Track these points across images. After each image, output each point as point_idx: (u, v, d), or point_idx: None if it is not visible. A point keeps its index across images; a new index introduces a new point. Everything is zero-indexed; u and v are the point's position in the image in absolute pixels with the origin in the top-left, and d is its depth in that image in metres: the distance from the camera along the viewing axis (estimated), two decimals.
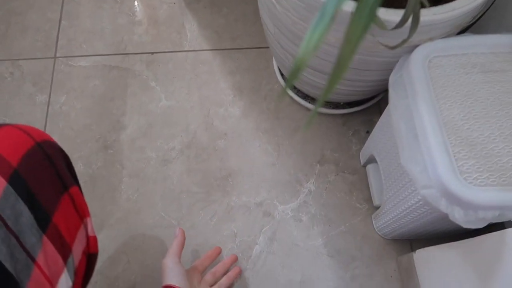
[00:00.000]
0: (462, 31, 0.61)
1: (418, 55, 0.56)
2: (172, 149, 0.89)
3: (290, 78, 0.27)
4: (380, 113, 0.90)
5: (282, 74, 0.94)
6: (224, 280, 0.71)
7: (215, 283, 0.70)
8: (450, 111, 0.52)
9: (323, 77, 0.72)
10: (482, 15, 0.60)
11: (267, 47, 0.99)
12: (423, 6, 0.50)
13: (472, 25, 0.61)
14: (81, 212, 0.46)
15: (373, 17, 0.27)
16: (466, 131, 0.51)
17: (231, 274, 0.73)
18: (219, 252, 0.74)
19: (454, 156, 0.49)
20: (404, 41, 0.50)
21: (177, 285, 0.58)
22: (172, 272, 0.60)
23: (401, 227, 0.70)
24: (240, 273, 0.76)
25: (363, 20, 0.28)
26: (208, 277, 0.69)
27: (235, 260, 0.76)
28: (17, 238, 0.36)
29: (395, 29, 0.49)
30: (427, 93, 0.53)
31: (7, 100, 0.95)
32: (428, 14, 0.52)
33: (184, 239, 0.67)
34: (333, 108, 0.89)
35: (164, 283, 0.59)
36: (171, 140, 0.91)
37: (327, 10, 0.27)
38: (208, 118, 0.92)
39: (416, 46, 0.57)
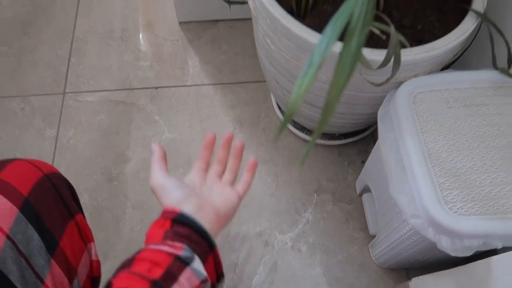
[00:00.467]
0: (446, 67, 0.65)
1: (403, 91, 0.59)
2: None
3: (284, 122, 0.31)
4: (374, 143, 0.93)
5: (279, 107, 0.98)
6: (234, 164, 0.53)
7: (223, 171, 0.53)
8: (435, 143, 0.55)
9: (317, 111, 0.75)
10: (463, 53, 0.64)
11: (265, 81, 1.04)
12: (404, 46, 0.54)
13: (455, 61, 0.65)
14: (85, 238, 0.49)
15: (358, 58, 0.31)
16: (450, 162, 0.54)
17: (229, 165, 0.53)
18: (214, 138, 0.53)
19: (439, 186, 0.52)
20: (388, 80, 0.54)
21: (177, 204, 0.44)
22: (164, 191, 0.46)
23: (397, 256, 0.71)
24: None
25: (349, 61, 0.31)
26: (214, 169, 0.52)
27: (232, 138, 0.54)
28: (27, 260, 0.40)
29: (380, 68, 0.53)
30: (412, 127, 0.56)
31: (18, 135, 0.99)
32: (411, 54, 0.56)
33: (164, 152, 0.50)
34: (329, 139, 0.92)
35: (163, 207, 0.46)
36: (173, 172, 0.93)
37: (314, 60, 0.30)
38: None
39: (401, 82, 0.61)
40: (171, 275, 0.37)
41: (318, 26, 0.59)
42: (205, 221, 0.43)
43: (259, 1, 0.62)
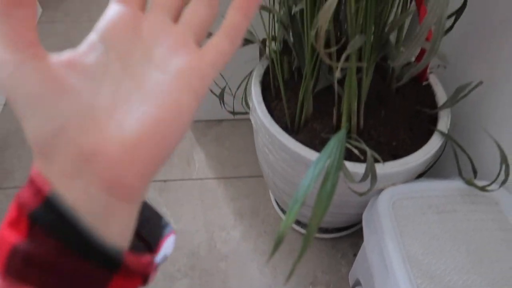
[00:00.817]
0: (421, 174, 0.75)
1: (383, 198, 0.68)
2: (178, 270, 0.98)
3: (275, 246, 0.39)
4: None
5: (277, 202, 1.07)
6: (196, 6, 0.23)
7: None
8: (412, 246, 0.63)
9: (309, 209, 0.84)
10: (434, 163, 0.75)
11: None
12: (378, 161, 0.65)
13: (429, 170, 0.75)
14: None
15: (332, 195, 0.40)
16: (426, 265, 0.61)
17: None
18: None
19: (418, 287, 0.59)
20: (368, 191, 0.63)
21: (42, 157, 0.18)
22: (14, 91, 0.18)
23: None
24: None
25: (325, 197, 0.41)
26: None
27: None
28: None
29: (361, 182, 0.62)
30: (392, 231, 0.65)
31: None
32: (387, 168, 0.66)
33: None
34: (323, 232, 1.00)
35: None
36: (177, 261, 1.00)
37: (298, 196, 0.39)
38: (212, 241, 1.03)
39: (382, 189, 0.70)
40: None
41: (310, 141, 0.70)
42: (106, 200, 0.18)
43: (259, 119, 0.74)
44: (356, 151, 0.62)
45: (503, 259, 0.61)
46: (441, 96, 0.76)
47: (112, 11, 0.21)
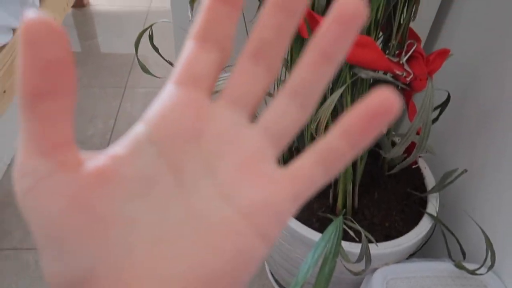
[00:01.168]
0: (413, 253, 0.78)
1: (377, 277, 0.71)
2: None
3: None
4: None
5: (272, 275, 1.08)
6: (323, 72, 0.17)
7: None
8: None
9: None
10: (425, 242, 0.78)
11: None
12: (371, 242, 0.68)
13: (420, 249, 0.79)
14: None
15: (330, 279, 0.44)
16: None
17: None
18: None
19: None
20: (363, 271, 0.67)
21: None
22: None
23: None
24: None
25: (323, 281, 0.44)
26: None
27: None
28: None
29: (357, 262, 0.66)
30: None
31: None
32: (381, 249, 0.70)
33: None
34: None
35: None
36: None
37: (299, 279, 0.43)
38: None
39: (376, 268, 0.73)
40: None
41: (307, 219, 0.74)
42: None
43: None
44: (351, 232, 0.66)
45: None
46: (429, 180, 0.81)
47: (170, 96, 0.16)
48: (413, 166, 0.85)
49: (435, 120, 0.77)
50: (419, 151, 0.54)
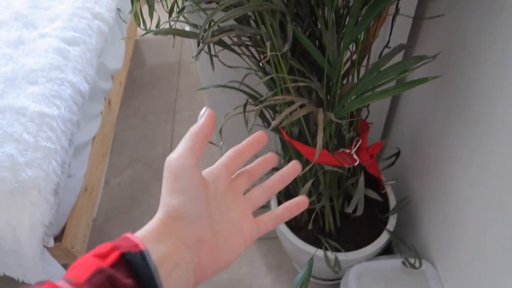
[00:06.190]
0: (379, 254, 1.18)
1: (353, 272, 1.12)
2: None
3: None
4: None
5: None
6: (260, 192, 0.41)
7: (248, 189, 0.42)
8: None
9: None
10: (385, 248, 1.17)
11: None
12: (338, 250, 1.09)
13: (383, 252, 1.18)
14: None
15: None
16: None
17: (271, 183, 0.42)
18: (265, 138, 0.42)
19: None
20: (340, 271, 1.08)
21: (177, 205, 0.34)
22: (173, 181, 0.34)
23: None
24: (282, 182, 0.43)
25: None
26: (241, 180, 0.41)
27: (275, 160, 0.43)
28: None
29: (334, 267, 1.07)
30: None
31: None
32: (351, 255, 1.10)
33: (211, 126, 0.37)
34: (323, 280, 1.44)
35: (162, 196, 0.35)
36: None
37: None
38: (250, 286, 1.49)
39: (352, 266, 1.14)
40: None
41: (307, 237, 1.14)
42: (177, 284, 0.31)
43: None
44: (333, 246, 1.07)
45: None
46: (392, 203, 1.19)
47: (223, 167, 0.39)
48: (382, 192, 1.22)
49: (392, 164, 1.13)
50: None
